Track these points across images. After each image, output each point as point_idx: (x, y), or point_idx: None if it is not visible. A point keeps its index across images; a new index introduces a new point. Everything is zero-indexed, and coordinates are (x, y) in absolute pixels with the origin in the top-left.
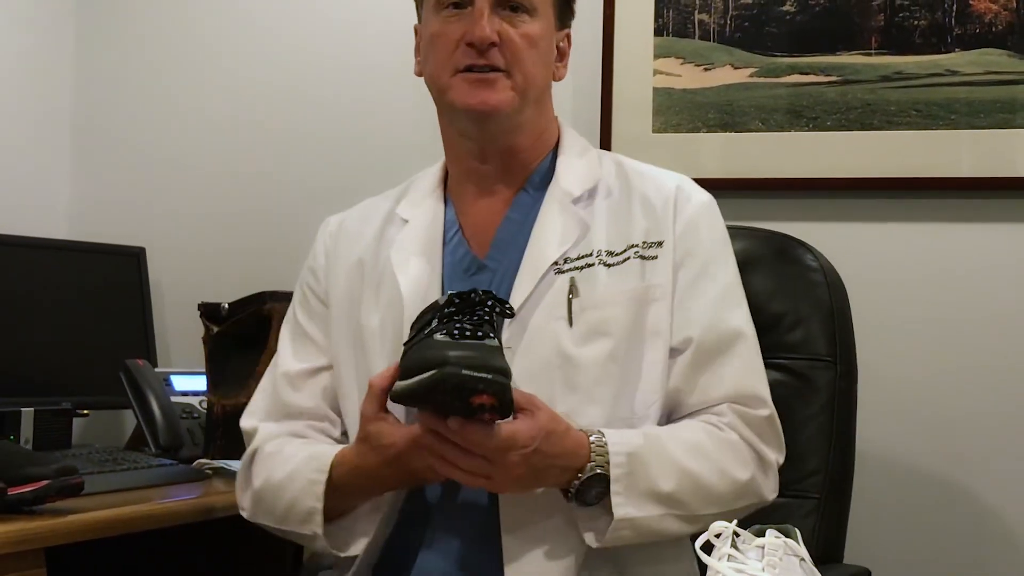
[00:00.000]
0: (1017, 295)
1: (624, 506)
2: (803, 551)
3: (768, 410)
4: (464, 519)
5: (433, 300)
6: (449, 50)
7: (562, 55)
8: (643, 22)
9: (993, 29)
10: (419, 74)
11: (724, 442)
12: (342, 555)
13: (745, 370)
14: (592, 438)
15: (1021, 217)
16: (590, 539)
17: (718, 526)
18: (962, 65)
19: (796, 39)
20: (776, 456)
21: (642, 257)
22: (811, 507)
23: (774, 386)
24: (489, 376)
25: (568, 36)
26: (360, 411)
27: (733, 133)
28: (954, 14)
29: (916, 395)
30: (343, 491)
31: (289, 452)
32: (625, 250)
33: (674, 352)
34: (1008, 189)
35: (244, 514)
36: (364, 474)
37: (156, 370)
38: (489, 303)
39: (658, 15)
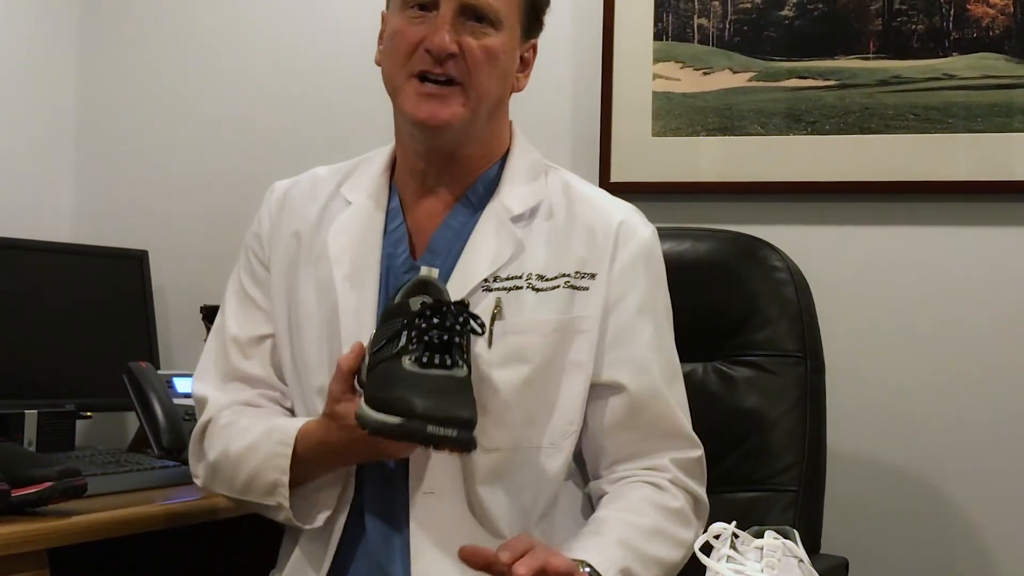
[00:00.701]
0: (1012, 297)
1: None
2: (801, 552)
3: (699, 450)
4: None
5: (390, 299)
6: (407, 52)
7: (525, 65)
8: (643, 26)
9: (990, 33)
10: (379, 63)
11: (672, 513)
12: (306, 527)
13: (680, 411)
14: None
15: (1019, 220)
16: None
17: (717, 527)
18: (959, 69)
19: (794, 43)
20: (703, 489)
21: (572, 287)
22: (790, 500)
23: (747, 383)
24: (453, 434)
25: (534, 47)
26: (328, 389)
27: (732, 137)
28: (952, 18)
29: (917, 396)
30: (307, 464)
31: (245, 424)
32: (556, 277)
33: (606, 390)
34: (1006, 192)
35: (197, 482)
36: (330, 449)
37: (159, 372)
38: (461, 319)
39: (657, 19)
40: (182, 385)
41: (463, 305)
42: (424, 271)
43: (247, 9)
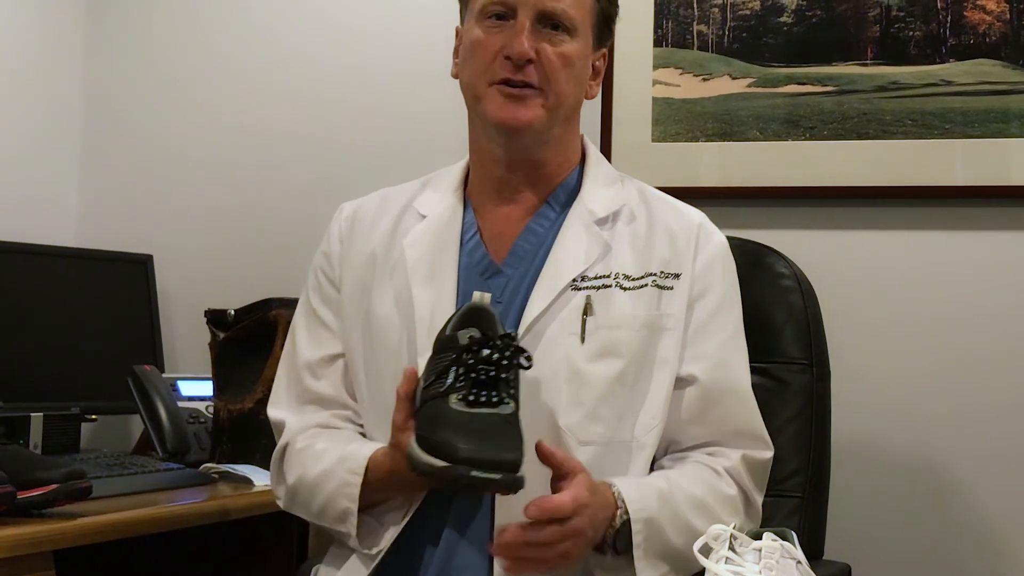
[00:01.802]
0: (1012, 300)
1: (645, 570)
2: (799, 553)
3: (770, 452)
4: (476, 517)
5: (442, 329)
6: (487, 60)
7: (596, 73)
8: (643, 33)
9: (987, 40)
10: (456, 76)
11: (723, 497)
12: (371, 552)
13: (752, 411)
14: (618, 499)
15: (1014, 225)
16: None
17: (715, 529)
18: (956, 75)
19: (793, 50)
20: (761, 499)
21: (659, 286)
22: (794, 506)
23: (753, 389)
24: (497, 477)
25: (604, 55)
26: (392, 421)
27: (731, 142)
28: (948, 25)
29: (917, 398)
30: (379, 490)
31: (320, 448)
32: (643, 276)
33: (681, 383)
34: (1002, 197)
35: (280, 504)
36: (398, 478)
37: (163, 375)
38: (508, 353)
39: (657, 26)
40: (186, 388)
41: (511, 338)
42: (476, 297)
43: (252, 13)
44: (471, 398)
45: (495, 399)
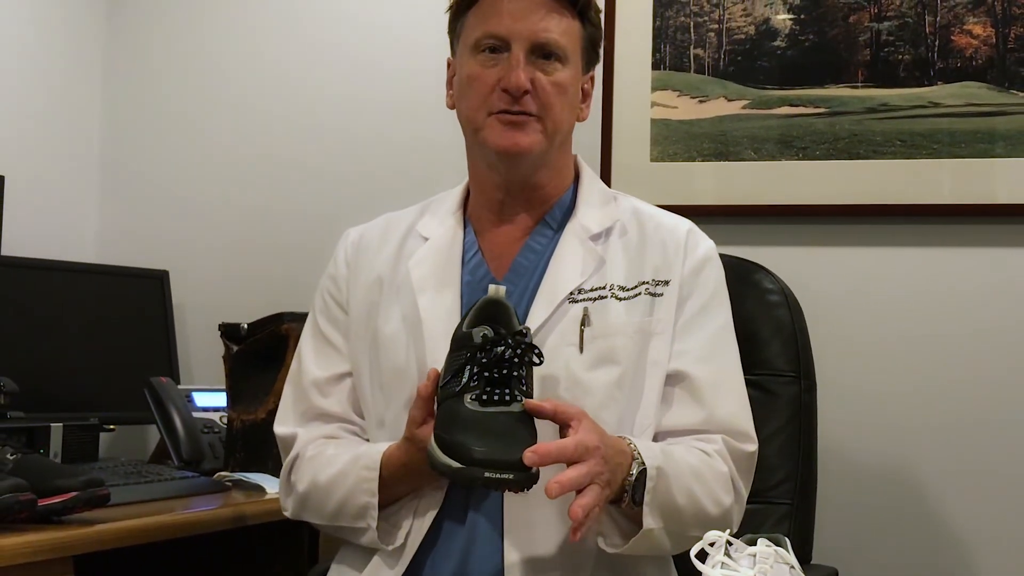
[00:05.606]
0: (995, 314)
1: (648, 516)
2: (792, 559)
3: (754, 446)
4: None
5: (459, 325)
6: (485, 93)
7: (586, 96)
8: (641, 56)
9: (973, 63)
10: (451, 107)
11: (715, 471)
12: (389, 548)
13: (737, 406)
14: (630, 445)
15: (1000, 241)
16: (607, 544)
17: (712, 535)
18: (944, 97)
19: (786, 73)
20: (746, 492)
21: (651, 294)
22: (783, 512)
23: None
24: (510, 477)
25: (592, 79)
26: (409, 415)
27: (727, 162)
28: (936, 49)
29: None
30: (393, 485)
31: (331, 454)
32: (636, 286)
33: (669, 378)
34: (987, 215)
35: (286, 513)
36: (413, 470)
37: (179, 387)
38: (520, 350)
39: (655, 50)
40: (201, 399)
41: (522, 335)
42: (492, 290)
43: (262, 44)
44: (484, 397)
45: (507, 397)
